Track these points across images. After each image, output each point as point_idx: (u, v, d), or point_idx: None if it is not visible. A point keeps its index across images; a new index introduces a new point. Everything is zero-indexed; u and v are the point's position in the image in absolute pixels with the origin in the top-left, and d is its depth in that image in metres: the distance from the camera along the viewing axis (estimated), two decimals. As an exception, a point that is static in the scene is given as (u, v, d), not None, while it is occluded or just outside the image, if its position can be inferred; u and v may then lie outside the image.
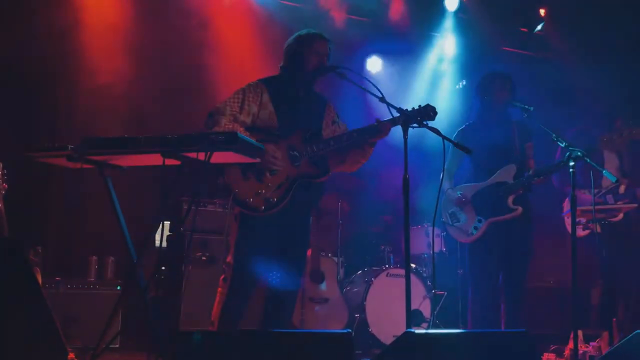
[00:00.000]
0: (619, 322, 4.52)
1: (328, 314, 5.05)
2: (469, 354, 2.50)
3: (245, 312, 3.25)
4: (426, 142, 5.23)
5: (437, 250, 5.53)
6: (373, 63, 6.77)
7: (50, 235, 5.24)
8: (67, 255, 5.21)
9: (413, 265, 5.48)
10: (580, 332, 4.35)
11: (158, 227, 3.35)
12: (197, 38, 5.90)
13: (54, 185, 5.26)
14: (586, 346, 4.40)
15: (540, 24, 6.82)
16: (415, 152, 4.54)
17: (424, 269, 5.53)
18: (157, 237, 4.15)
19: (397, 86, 6.42)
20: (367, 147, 3.37)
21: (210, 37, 5.87)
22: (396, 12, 6.51)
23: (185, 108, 5.50)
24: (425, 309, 5.16)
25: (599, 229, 4.50)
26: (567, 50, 6.65)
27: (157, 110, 5.34)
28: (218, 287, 3.24)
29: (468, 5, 6.66)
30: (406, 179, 2.95)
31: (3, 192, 3.68)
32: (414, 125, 3.08)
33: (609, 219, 4.61)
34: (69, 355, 3.21)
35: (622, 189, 4.66)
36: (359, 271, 5.50)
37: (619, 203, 4.64)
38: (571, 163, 3.50)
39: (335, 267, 5.27)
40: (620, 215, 4.62)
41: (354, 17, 6.43)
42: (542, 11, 6.78)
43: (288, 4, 6.14)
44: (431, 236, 5.23)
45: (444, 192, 4.14)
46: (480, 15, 6.61)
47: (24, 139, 4.81)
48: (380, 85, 3.18)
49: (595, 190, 4.54)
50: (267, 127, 3.27)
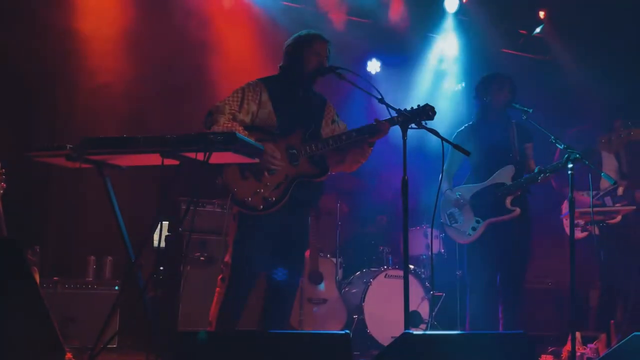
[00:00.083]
0: (617, 324, 4.52)
1: (326, 314, 5.05)
2: (467, 356, 2.50)
3: (244, 312, 3.25)
4: (428, 145, 5.24)
5: (435, 251, 5.53)
6: (372, 64, 6.77)
7: (48, 235, 5.23)
8: (65, 255, 5.20)
9: (412, 267, 5.47)
10: (578, 334, 4.36)
11: (156, 227, 3.35)
12: (196, 38, 5.91)
13: (52, 185, 5.25)
14: (584, 348, 4.41)
15: (540, 26, 6.84)
16: (417, 154, 4.56)
17: (423, 270, 5.52)
18: (156, 237, 4.17)
19: (396, 87, 6.42)
20: (366, 147, 3.36)
21: (210, 38, 5.88)
22: (396, 13, 6.51)
23: (184, 108, 5.50)
24: (424, 310, 5.15)
25: (597, 231, 4.50)
26: (566, 52, 6.66)
27: (156, 110, 5.34)
28: (216, 287, 3.24)
29: (468, 7, 6.66)
30: (405, 180, 2.94)
31: (1, 191, 3.68)
32: (413, 126, 3.08)
33: (607, 221, 4.61)
34: (66, 355, 3.21)
35: (620, 190, 4.66)
36: (358, 272, 5.50)
37: (617, 205, 4.64)
38: (570, 165, 3.51)
39: (333, 267, 5.27)
40: (619, 218, 4.63)
41: (353, 18, 6.43)
42: (541, 13, 6.79)
43: (288, 4, 6.14)
44: (430, 237, 5.24)
45: (442, 193, 4.14)
46: (480, 17, 6.62)
47: (23, 138, 4.81)
48: (380, 86, 3.18)
49: (594, 192, 4.54)
50: (266, 126, 3.26)
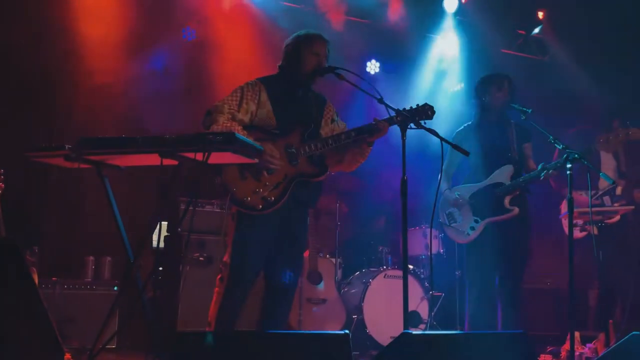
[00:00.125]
0: (615, 323, 4.53)
1: (326, 315, 5.04)
2: (467, 355, 2.50)
3: (243, 312, 3.24)
4: (429, 145, 5.22)
5: (435, 251, 5.53)
6: (372, 65, 6.77)
7: (47, 236, 5.22)
8: (64, 255, 5.19)
9: (411, 267, 5.47)
10: (577, 333, 4.37)
11: (155, 227, 3.34)
12: (196, 39, 5.91)
13: (51, 186, 5.25)
14: (583, 347, 4.41)
15: (539, 27, 6.84)
16: (417, 155, 4.54)
17: (422, 270, 5.53)
18: (155, 237, 4.17)
19: (395, 88, 6.42)
20: (366, 147, 3.36)
21: (209, 38, 5.87)
22: (395, 13, 6.51)
23: (183, 108, 5.50)
24: (423, 310, 5.15)
25: (595, 231, 4.50)
26: (565, 52, 6.66)
27: (155, 110, 5.34)
28: (215, 287, 3.24)
29: (467, 8, 6.66)
30: (404, 180, 2.94)
31: (0, 192, 3.68)
32: (412, 126, 3.07)
33: (605, 221, 4.61)
34: (65, 355, 3.20)
35: (619, 190, 4.67)
36: (357, 272, 5.50)
37: (616, 205, 4.64)
38: (568, 165, 3.51)
39: (333, 268, 5.27)
40: (617, 217, 4.63)
41: (353, 18, 6.43)
42: (540, 14, 6.80)
43: (287, 5, 6.14)
44: (429, 237, 5.24)
45: (441, 193, 4.14)
46: (479, 17, 6.62)
47: (21, 138, 4.80)
48: (379, 86, 3.17)
49: (593, 192, 4.54)
50: (265, 125, 3.26)
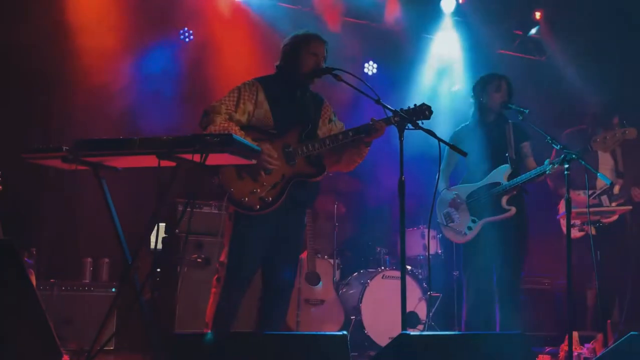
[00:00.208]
0: (613, 323, 4.53)
1: (324, 315, 5.04)
2: (465, 356, 2.50)
3: (240, 313, 3.24)
4: (434, 149, 5.20)
5: (432, 252, 5.53)
6: (369, 65, 6.78)
7: (44, 237, 5.21)
8: (62, 257, 5.19)
9: (409, 267, 5.47)
10: (575, 333, 4.37)
11: (153, 228, 3.34)
12: (193, 40, 5.90)
13: (48, 187, 5.24)
14: (581, 348, 4.41)
15: (536, 27, 6.85)
16: (421, 157, 4.53)
17: (420, 271, 5.53)
18: (153, 238, 4.16)
19: (393, 88, 6.42)
20: (363, 147, 3.35)
21: (206, 39, 5.87)
22: (392, 14, 6.51)
23: (181, 109, 5.50)
24: (421, 311, 5.15)
25: (593, 231, 4.50)
26: (562, 53, 6.67)
27: (152, 112, 5.33)
28: (212, 288, 3.23)
29: (464, 8, 6.67)
30: (402, 181, 2.94)
31: (-3, 193, 3.67)
32: (409, 126, 3.07)
33: (603, 221, 4.61)
34: (63, 357, 3.19)
35: (616, 189, 4.67)
36: (355, 273, 5.49)
37: (613, 204, 4.65)
38: (565, 165, 3.51)
39: (331, 268, 5.27)
40: (615, 217, 4.63)
41: (349, 19, 6.43)
42: (537, 14, 6.81)
43: (284, 6, 6.14)
44: (427, 238, 5.24)
45: (439, 193, 4.14)
46: (477, 17, 6.63)
47: (18, 140, 4.80)
48: (376, 87, 3.17)
49: (590, 192, 4.55)
50: (263, 126, 3.25)
